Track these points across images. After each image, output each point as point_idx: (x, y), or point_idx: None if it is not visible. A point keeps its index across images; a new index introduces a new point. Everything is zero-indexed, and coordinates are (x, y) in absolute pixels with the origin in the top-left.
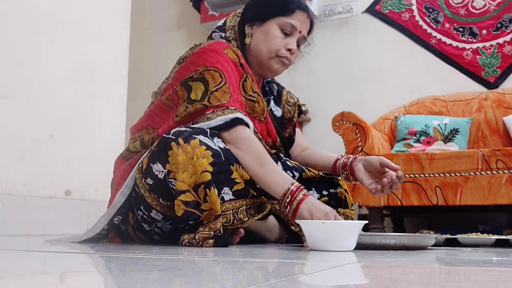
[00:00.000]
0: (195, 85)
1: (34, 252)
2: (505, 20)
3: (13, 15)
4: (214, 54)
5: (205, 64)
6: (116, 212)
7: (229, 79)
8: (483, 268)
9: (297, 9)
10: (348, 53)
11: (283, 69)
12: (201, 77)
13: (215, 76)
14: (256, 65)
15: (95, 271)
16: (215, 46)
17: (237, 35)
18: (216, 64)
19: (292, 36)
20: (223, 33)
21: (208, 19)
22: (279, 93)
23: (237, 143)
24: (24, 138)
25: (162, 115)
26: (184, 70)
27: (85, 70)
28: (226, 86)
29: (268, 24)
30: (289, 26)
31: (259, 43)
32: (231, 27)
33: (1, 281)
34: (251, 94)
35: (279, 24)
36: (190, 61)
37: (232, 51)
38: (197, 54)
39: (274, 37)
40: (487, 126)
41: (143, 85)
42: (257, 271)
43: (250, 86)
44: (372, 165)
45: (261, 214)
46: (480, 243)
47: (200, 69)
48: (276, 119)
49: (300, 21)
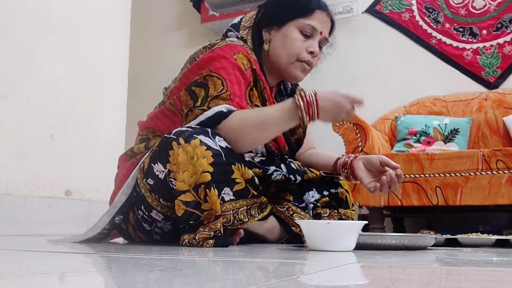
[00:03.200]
0: (197, 90)
1: (34, 252)
2: (505, 20)
3: (13, 15)
4: (221, 59)
5: (210, 68)
6: (117, 212)
7: (231, 87)
8: (483, 268)
9: (317, 8)
10: (348, 53)
11: (305, 74)
12: (204, 82)
13: (217, 83)
14: (276, 72)
15: (95, 271)
16: (225, 51)
17: (250, 37)
18: (220, 71)
19: (313, 38)
20: (238, 33)
21: (208, 19)
22: (292, 92)
23: (230, 136)
24: (24, 138)
25: (165, 120)
26: (191, 73)
27: (85, 70)
28: (226, 94)
29: (286, 27)
30: (309, 27)
31: (278, 48)
32: (245, 27)
33: (1, 281)
34: (257, 104)
35: (298, 26)
36: (197, 64)
37: (244, 55)
38: (206, 57)
39: (293, 40)
40: (487, 126)
41: (143, 85)
42: (257, 271)
43: (257, 96)
44: (372, 164)
45: (262, 214)
46: (480, 243)
47: (204, 73)
48: None
49: (320, 22)
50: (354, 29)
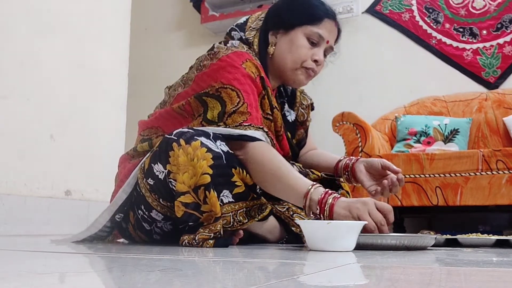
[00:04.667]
0: (211, 102)
1: (34, 252)
2: (505, 21)
3: (13, 15)
4: (232, 69)
5: (222, 80)
6: (118, 209)
7: (247, 98)
8: (483, 268)
9: (325, 17)
10: (348, 53)
11: (308, 80)
12: (217, 95)
13: (232, 96)
14: (279, 75)
15: (95, 272)
16: (234, 59)
17: (257, 40)
18: (233, 82)
19: (319, 46)
20: (243, 33)
21: (208, 19)
22: (293, 94)
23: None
24: (24, 138)
25: (173, 121)
26: (201, 81)
27: (85, 70)
28: (244, 106)
29: (293, 33)
30: (316, 36)
31: (283, 53)
32: (252, 29)
33: (1, 281)
34: (268, 112)
35: (305, 33)
36: (207, 73)
37: (252, 64)
38: (215, 67)
39: (300, 47)
40: (487, 127)
41: (143, 85)
42: (257, 271)
43: (268, 104)
44: (373, 167)
45: (261, 215)
46: (480, 244)
47: (217, 85)
48: (288, 124)
49: (328, 31)
50: (354, 29)
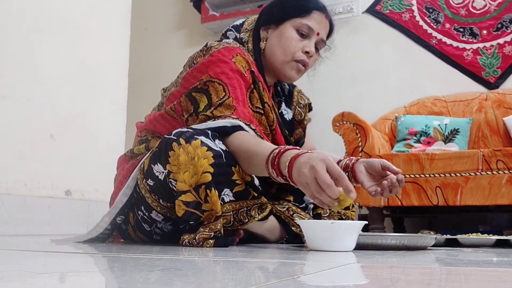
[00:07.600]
0: (198, 96)
1: (34, 252)
2: (505, 21)
3: (13, 15)
4: (221, 63)
5: (210, 73)
6: (119, 212)
7: (233, 92)
8: (483, 268)
9: (314, 9)
10: (348, 53)
11: (299, 75)
12: (204, 89)
13: (219, 89)
14: (271, 71)
15: (95, 271)
16: (224, 54)
17: (251, 38)
18: (220, 76)
19: (310, 38)
20: (238, 34)
21: (208, 19)
22: (290, 93)
23: (235, 153)
24: (24, 138)
25: (166, 124)
26: (191, 78)
27: (85, 70)
28: (229, 100)
29: (283, 26)
30: (305, 27)
31: (273, 46)
32: (247, 30)
33: (1, 281)
34: (258, 106)
35: (295, 25)
36: (197, 68)
37: (243, 58)
38: (205, 61)
39: (289, 39)
40: (488, 127)
41: (143, 85)
42: (257, 271)
43: (257, 98)
44: (373, 167)
45: (262, 215)
46: (480, 244)
47: (204, 78)
48: (286, 123)
49: (317, 22)
50: (354, 29)
